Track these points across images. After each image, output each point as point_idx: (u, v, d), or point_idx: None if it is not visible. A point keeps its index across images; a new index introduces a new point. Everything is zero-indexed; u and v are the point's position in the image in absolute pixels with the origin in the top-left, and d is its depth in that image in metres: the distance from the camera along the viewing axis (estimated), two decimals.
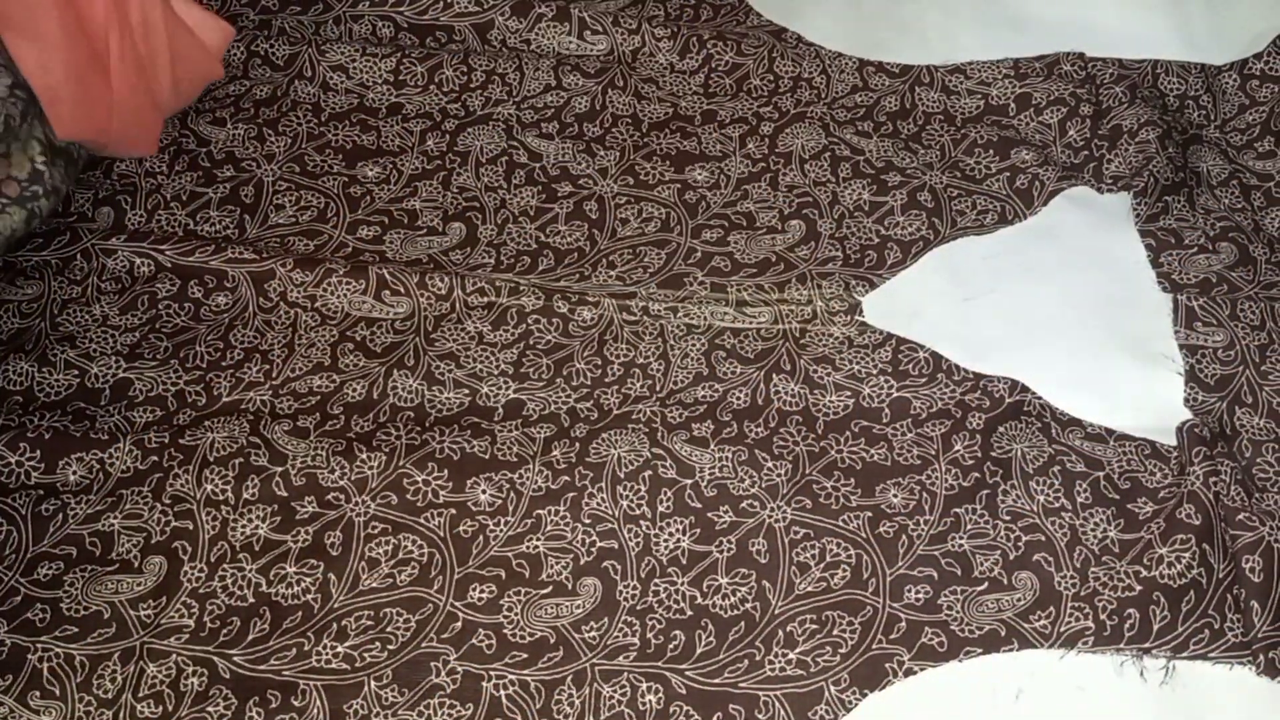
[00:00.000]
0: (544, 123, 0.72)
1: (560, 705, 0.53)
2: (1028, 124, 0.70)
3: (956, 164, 0.69)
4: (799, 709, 0.52)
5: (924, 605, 0.54)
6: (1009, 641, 0.53)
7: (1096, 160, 0.69)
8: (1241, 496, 0.56)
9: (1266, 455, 0.58)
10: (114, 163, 0.70)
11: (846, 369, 0.61)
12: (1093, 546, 0.55)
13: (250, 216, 0.69)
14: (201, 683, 0.53)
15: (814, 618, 0.54)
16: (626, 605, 0.55)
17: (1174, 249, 0.65)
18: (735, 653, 0.54)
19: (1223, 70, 0.72)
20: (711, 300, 0.63)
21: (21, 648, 0.53)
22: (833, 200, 0.68)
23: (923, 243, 0.66)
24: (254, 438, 0.58)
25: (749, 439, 0.59)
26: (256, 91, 0.73)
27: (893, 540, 0.56)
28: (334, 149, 0.71)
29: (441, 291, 0.64)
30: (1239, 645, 0.53)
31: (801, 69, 0.73)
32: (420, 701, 0.53)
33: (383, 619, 0.54)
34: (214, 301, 0.64)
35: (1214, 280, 0.64)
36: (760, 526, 0.56)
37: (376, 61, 0.73)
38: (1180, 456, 0.57)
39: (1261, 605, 0.53)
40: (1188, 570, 0.54)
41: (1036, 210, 0.67)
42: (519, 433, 0.59)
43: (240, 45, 0.74)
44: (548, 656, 0.54)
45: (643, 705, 0.53)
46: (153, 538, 0.56)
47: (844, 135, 0.70)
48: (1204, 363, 0.61)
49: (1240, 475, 0.57)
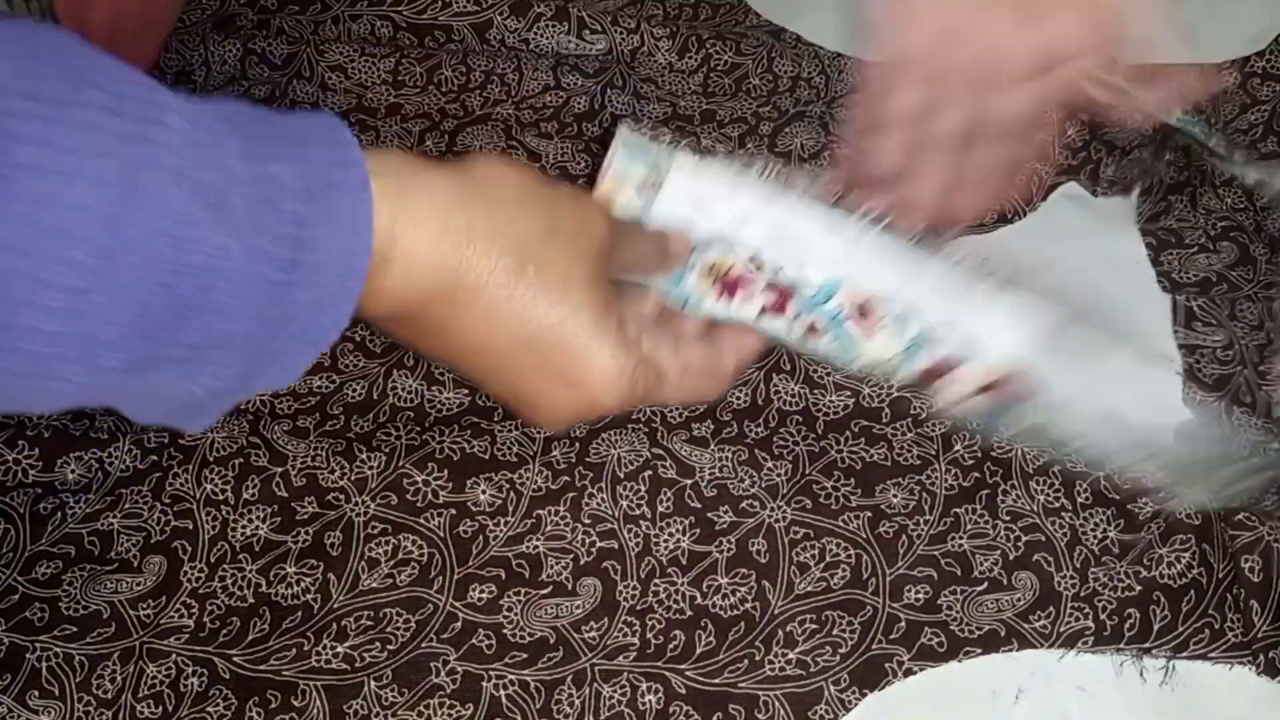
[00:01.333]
0: (543, 122, 0.72)
1: (560, 705, 0.53)
2: None
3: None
4: (799, 709, 0.52)
5: (923, 605, 0.54)
6: (1009, 642, 0.53)
7: (1094, 163, 0.69)
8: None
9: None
10: None
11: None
12: (1092, 547, 0.55)
13: None
14: (201, 683, 0.53)
15: (814, 617, 0.54)
16: (626, 605, 0.55)
17: (1174, 248, 0.65)
18: (735, 653, 0.54)
19: (1222, 69, 0.72)
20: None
21: (20, 647, 0.53)
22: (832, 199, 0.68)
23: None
24: (254, 438, 0.58)
25: (749, 439, 0.59)
26: (255, 91, 0.73)
27: (892, 540, 0.56)
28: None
29: None
30: (1239, 645, 0.53)
31: (801, 69, 0.73)
32: (420, 702, 0.53)
33: (382, 619, 0.54)
34: None
35: (1213, 280, 0.63)
36: (760, 526, 0.57)
37: (375, 61, 0.73)
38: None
39: (1261, 605, 0.53)
40: (1188, 570, 0.54)
41: (1035, 206, 0.67)
42: (519, 433, 0.59)
43: (238, 44, 0.74)
44: (548, 656, 0.54)
45: (642, 705, 0.53)
46: (152, 537, 0.56)
47: (844, 134, 0.70)
48: (1202, 362, 0.61)
49: None
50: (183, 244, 0.29)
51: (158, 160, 0.28)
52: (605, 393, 0.39)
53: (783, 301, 0.45)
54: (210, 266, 0.29)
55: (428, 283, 0.34)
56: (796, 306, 0.44)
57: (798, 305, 0.44)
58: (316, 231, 0.31)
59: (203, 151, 0.30)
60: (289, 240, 0.31)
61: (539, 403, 0.39)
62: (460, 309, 0.35)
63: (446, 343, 0.37)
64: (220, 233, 0.29)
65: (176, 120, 0.29)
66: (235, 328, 0.31)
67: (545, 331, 0.37)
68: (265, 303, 0.31)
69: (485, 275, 0.35)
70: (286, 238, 0.31)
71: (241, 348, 0.31)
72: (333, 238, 0.32)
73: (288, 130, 0.32)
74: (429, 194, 0.34)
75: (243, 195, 0.30)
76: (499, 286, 0.35)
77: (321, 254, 0.31)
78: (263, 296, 0.31)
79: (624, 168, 0.44)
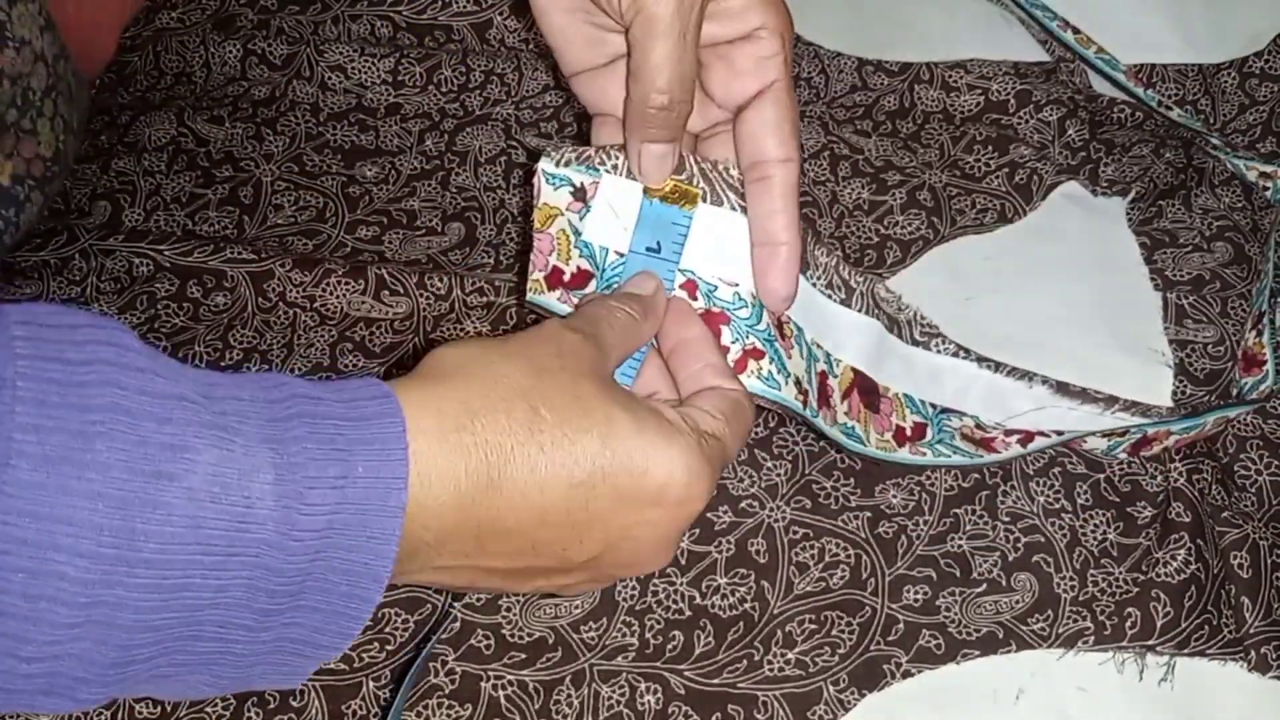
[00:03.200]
0: (543, 122, 0.72)
1: (559, 705, 0.53)
2: (1027, 121, 0.70)
3: (955, 162, 0.69)
4: (798, 709, 0.52)
5: (922, 606, 0.54)
6: (1006, 644, 0.53)
7: (1094, 163, 0.69)
8: (1222, 495, 0.56)
9: (1250, 451, 0.58)
10: (111, 159, 0.70)
11: None
12: (1092, 548, 0.55)
13: (249, 216, 0.69)
14: None
15: (813, 618, 0.54)
16: (625, 605, 0.55)
17: (1168, 247, 0.65)
18: (734, 653, 0.54)
19: (1221, 69, 0.72)
20: None
21: None
22: (832, 199, 0.68)
23: (922, 242, 0.66)
24: None
25: (748, 438, 0.59)
26: (255, 91, 0.73)
27: (892, 540, 0.56)
28: (332, 149, 0.71)
29: (440, 291, 0.64)
30: (1233, 642, 0.53)
31: (800, 68, 0.73)
32: (419, 702, 0.53)
33: (382, 619, 0.54)
34: (213, 301, 0.64)
35: (1206, 277, 0.63)
36: (759, 526, 0.57)
37: (375, 61, 0.73)
38: (1165, 455, 0.57)
39: (1252, 601, 0.53)
40: (1185, 566, 0.54)
41: (1036, 205, 0.67)
42: None
43: (238, 44, 0.74)
44: (546, 657, 0.54)
45: (641, 705, 0.53)
46: None
47: (843, 134, 0.70)
48: (1193, 357, 0.61)
49: (1220, 475, 0.57)
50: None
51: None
52: (691, 487, 0.36)
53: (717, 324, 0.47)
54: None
55: (461, 483, 0.33)
56: (732, 332, 0.47)
57: (732, 331, 0.47)
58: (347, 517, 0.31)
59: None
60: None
61: (637, 538, 0.36)
62: (506, 484, 0.33)
63: (509, 533, 0.35)
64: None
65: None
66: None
67: (595, 459, 0.35)
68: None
69: (508, 440, 0.33)
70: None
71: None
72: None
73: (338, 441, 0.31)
74: (420, 420, 0.33)
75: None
76: (527, 442, 0.34)
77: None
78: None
79: (552, 199, 0.46)
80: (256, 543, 0.29)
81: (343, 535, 0.31)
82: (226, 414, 0.29)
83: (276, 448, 0.29)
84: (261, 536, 0.29)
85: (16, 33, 0.58)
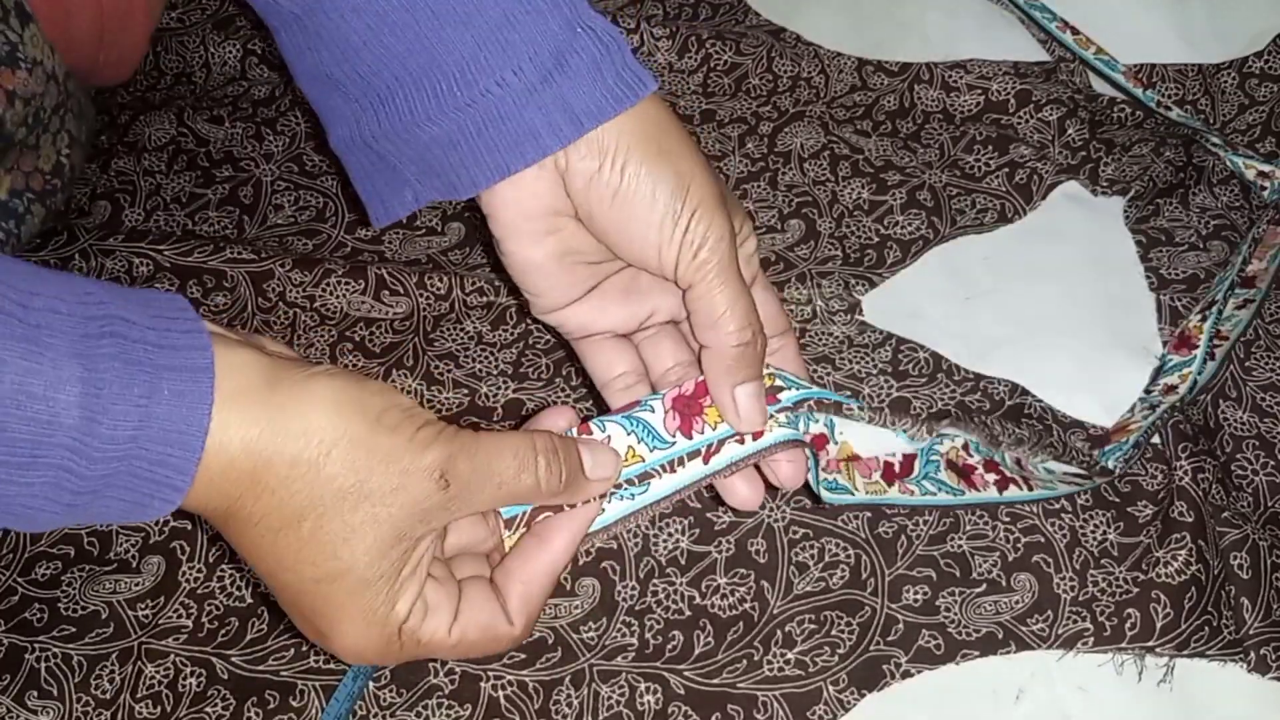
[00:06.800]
0: None
1: (558, 705, 0.53)
2: (1027, 121, 0.70)
3: (955, 162, 0.69)
4: (798, 709, 0.52)
5: (922, 606, 0.54)
6: (1006, 644, 0.53)
7: (1093, 163, 0.69)
8: (1222, 494, 0.56)
9: (1246, 451, 0.58)
10: (111, 159, 0.70)
11: (846, 368, 0.61)
12: (1092, 548, 0.55)
13: (249, 216, 0.69)
14: (199, 683, 0.53)
15: (812, 617, 0.54)
16: (625, 605, 0.55)
17: (1164, 246, 0.65)
18: (734, 653, 0.54)
19: (1221, 69, 0.72)
20: None
21: (19, 647, 0.54)
22: (832, 199, 0.68)
23: (922, 241, 0.66)
24: None
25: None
26: (255, 91, 0.73)
27: (892, 540, 0.56)
28: (332, 149, 0.71)
29: (440, 291, 0.64)
30: (1233, 643, 0.53)
31: (800, 68, 0.73)
32: (419, 702, 0.53)
33: None
34: (213, 301, 0.64)
35: (1201, 276, 0.63)
36: (759, 526, 0.56)
37: None
38: (1166, 452, 0.57)
39: (1251, 602, 0.53)
40: (1185, 567, 0.54)
41: (1036, 205, 0.67)
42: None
43: (238, 44, 0.74)
44: (546, 657, 0.54)
45: (641, 705, 0.53)
46: (151, 538, 0.56)
47: (843, 134, 0.70)
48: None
49: (1220, 474, 0.57)
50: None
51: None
52: (349, 656, 0.39)
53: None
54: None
55: (203, 501, 0.35)
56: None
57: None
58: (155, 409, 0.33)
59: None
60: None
61: (319, 636, 0.39)
62: (233, 536, 0.37)
63: (265, 518, 0.37)
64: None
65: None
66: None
67: (304, 583, 0.37)
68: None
69: (258, 516, 0.36)
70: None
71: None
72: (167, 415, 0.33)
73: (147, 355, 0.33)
74: (241, 419, 0.34)
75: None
76: (267, 530, 0.36)
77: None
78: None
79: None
80: (59, 447, 0.31)
81: (145, 450, 0.33)
82: (40, 327, 0.31)
83: (85, 363, 0.32)
84: (64, 443, 0.32)
85: (29, 54, 0.58)
